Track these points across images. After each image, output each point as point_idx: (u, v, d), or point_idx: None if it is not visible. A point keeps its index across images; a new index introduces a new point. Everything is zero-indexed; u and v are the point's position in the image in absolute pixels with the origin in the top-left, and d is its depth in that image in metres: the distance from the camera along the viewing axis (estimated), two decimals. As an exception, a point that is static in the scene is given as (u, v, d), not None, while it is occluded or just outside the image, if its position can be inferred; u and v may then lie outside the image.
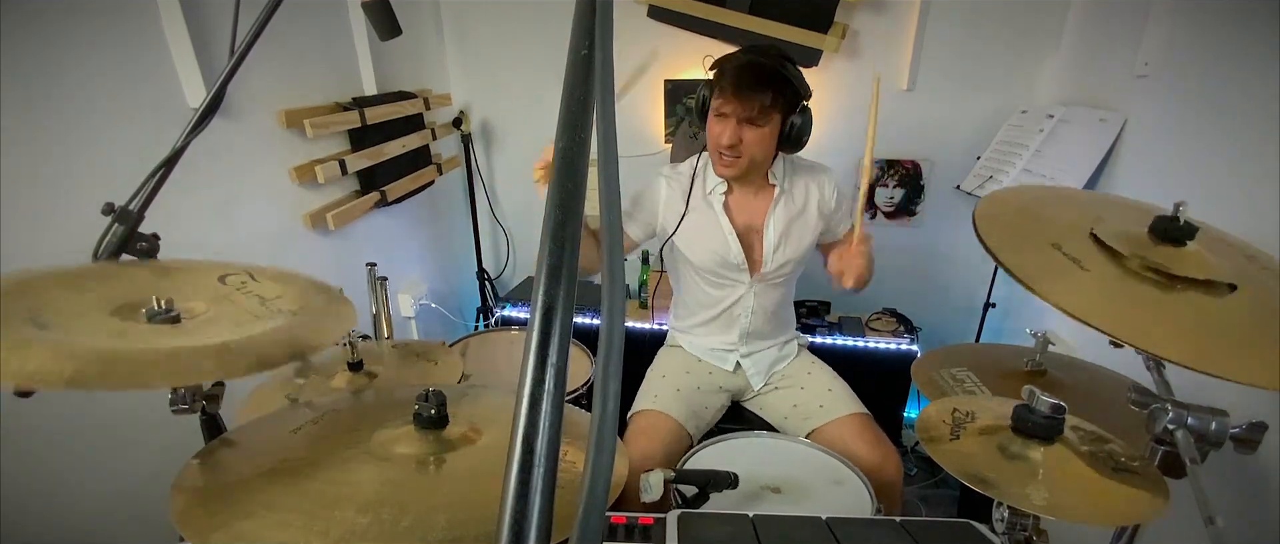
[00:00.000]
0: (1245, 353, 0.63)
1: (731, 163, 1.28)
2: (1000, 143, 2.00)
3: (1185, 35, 1.41)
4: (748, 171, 1.31)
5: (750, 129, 1.23)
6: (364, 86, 1.85)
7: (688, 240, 1.39)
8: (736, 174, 1.31)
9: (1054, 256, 0.72)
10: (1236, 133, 1.24)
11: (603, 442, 0.25)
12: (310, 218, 1.61)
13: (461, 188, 2.50)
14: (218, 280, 0.72)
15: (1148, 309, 0.68)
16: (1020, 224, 0.80)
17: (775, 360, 1.52)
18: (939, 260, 2.31)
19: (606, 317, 0.27)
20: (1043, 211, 0.85)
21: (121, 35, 1.15)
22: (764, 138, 1.25)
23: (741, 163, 1.27)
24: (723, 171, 1.31)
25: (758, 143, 1.25)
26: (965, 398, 0.93)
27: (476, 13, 2.30)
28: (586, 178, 0.30)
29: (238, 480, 0.65)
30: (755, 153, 1.27)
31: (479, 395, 0.88)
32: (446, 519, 0.57)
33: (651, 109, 2.29)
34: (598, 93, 0.30)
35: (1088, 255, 0.73)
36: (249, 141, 1.44)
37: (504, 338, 1.78)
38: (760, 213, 1.38)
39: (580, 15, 0.32)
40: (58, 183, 1.05)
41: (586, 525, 0.24)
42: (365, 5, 1.10)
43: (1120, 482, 0.70)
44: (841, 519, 0.87)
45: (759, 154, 1.27)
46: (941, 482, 2.15)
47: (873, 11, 2.05)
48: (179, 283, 0.71)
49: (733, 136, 1.24)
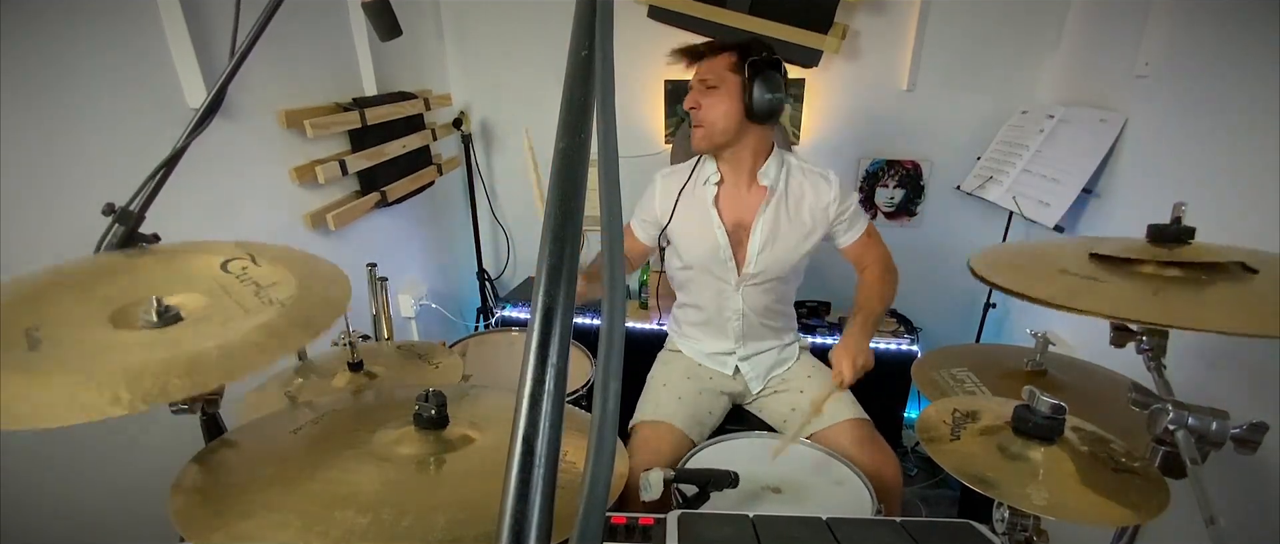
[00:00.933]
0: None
1: (698, 132, 1.33)
2: (1000, 143, 2.00)
3: (1185, 35, 1.41)
4: (714, 140, 1.34)
5: (708, 94, 1.29)
6: (364, 87, 1.85)
7: (681, 234, 1.41)
8: (704, 143, 1.35)
9: (1070, 280, 0.73)
10: (1236, 133, 1.24)
11: (603, 442, 0.25)
12: (310, 218, 1.61)
13: (461, 188, 2.50)
14: (220, 267, 0.71)
15: (1184, 297, 0.69)
16: (1023, 264, 0.82)
17: (774, 364, 1.52)
18: (939, 260, 2.30)
19: (606, 317, 0.27)
20: (1036, 251, 0.87)
21: (122, 35, 1.15)
22: (719, 100, 1.29)
23: (704, 130, 1.32)
24: (696, 144, 1.36)
25: (714, 106, 1.30)
26: (965, 398, 0.93)
27: (476, 13, 2.30)
28: (587, 178, 0.29)
29: (238, 481, 0.65)
30: (715, 118, 1.30)
31: (479, 395, 0.88)
32: (446, 519, 0.57)
33: (651, 109, 2.29)
34: (598, 93, 0.30)
35: (1101, 274, 0.74)
36: (249, 142, 1.44)
37: (504, 338, 1.78)
38: (750, 212, 1.38)
39: (580, 15, 0.32)
40: (58, 183, 1.05)
41: (586, 525, 0.24)
42: (365, 5, 1.10)
43: (1120, 482, 0.70)
44: (841, 519, 0.87)
45: (719, 119, 1.30)
46: (942, 482, 2.15)
47: (873, 11, 2.05)
48: (181, 270, 0.71)
49: (692, 101, 1.31)
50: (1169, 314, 0.63)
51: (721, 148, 1.35)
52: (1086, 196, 1.66)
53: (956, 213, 2.25)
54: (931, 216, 2.31)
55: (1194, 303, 0.67)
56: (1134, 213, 1.53)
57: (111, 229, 0.75)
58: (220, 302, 0.65)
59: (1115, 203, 1.61)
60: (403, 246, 2.21)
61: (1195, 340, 1.18)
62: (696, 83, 1.32)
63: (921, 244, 2.32)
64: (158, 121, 1.20)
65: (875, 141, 2.23)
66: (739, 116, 1.29)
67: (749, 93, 1.26)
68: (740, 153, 1.35)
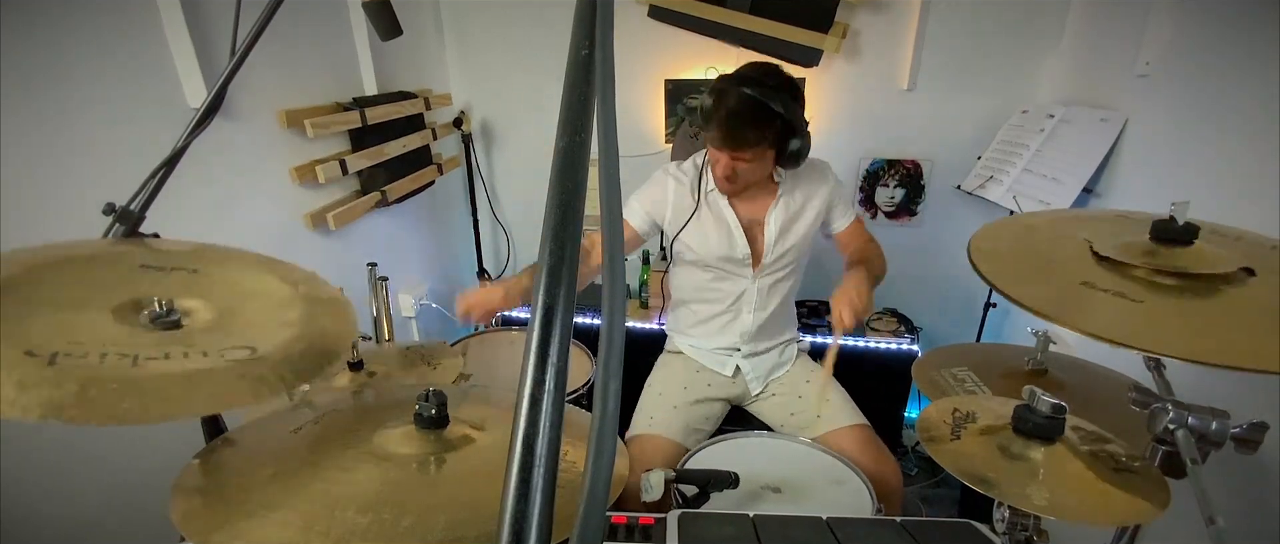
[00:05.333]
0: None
1: (730, 186, 1.34)
2: (1001, 143, 2.00)
3: (1185, 35, 1.41)
4: (747, 189, 1.36)
5: (744, 163, 1.27)
6: (364, 86, 1.85)
7: (696, 236, 1.40)
8: (736, 193, 1.37)
9: (1067, 284, 0.72)
10: (1236, 133, 1.24)
11: (603, 442, 0.25)
12: (311, 218, 1.61)
13: (462, 188, 2.50)
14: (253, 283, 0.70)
15: (1178, 313, 0.67)
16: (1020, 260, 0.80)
17: (774, 366, 1.52)
18: (939, 260, 2.30)
19: (606, 317, 0.27)
20: (1036, 240, 0.85)
21: (122, 35, 1.15)
22: (758, 169, 1.30)
23: (738, 185, 1.33)
24: (724, 188, 1.36)
25: (752, 172, 1.30)
26: (966, 398, 0.93)
27: (476, 13, 2.30)
28: (587, 178, 0.29)
29: (238, 480, 0.65)
30: (751, 179, 1.33)
31: (479, 395, 0.88)
32: (446, 519, 0.57)
33: (651, 109, 2.29)
34: (598, 93, 0.30)
35: (1098, 275, 0.72)
36: (250, 141, 1.44)
37: (504, 338, 1.78)
38: (762, 207, 1.40)
39: (580, 15, 0.32)
40: (58, 183, 1.05)
41: (586, 525, 0.24)
42: (365, 5, 1.10)
43: (1120, 482, 0.70)
44: (842, 519, 0.87)
45: (755, 178, 1.33)
46: (942, 482, 2.15)
47: (873, 11, 2.05)
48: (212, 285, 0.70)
49: (727, 169, 1.29)
50: (1160, 341, 0.61)
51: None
52: (1087, 196, 1.66)
53: (957, 212, 2.25)
54: (932, 216, 2.30)
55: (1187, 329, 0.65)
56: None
57: (112, 229, 0.75)
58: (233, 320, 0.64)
59: (1115, 202, 1.61)
60: (403, 246, 2.21)
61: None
62: (729, 158, 1.27)
63: (921, 244, 2.32)
64: (158, 121, 1.20)
65: (875, 141, 2.23)
66: (772, 168, 1.33)
67: (783, 150, 1.27)
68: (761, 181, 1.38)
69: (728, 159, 1.26)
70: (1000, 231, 0.87)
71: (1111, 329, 0.63)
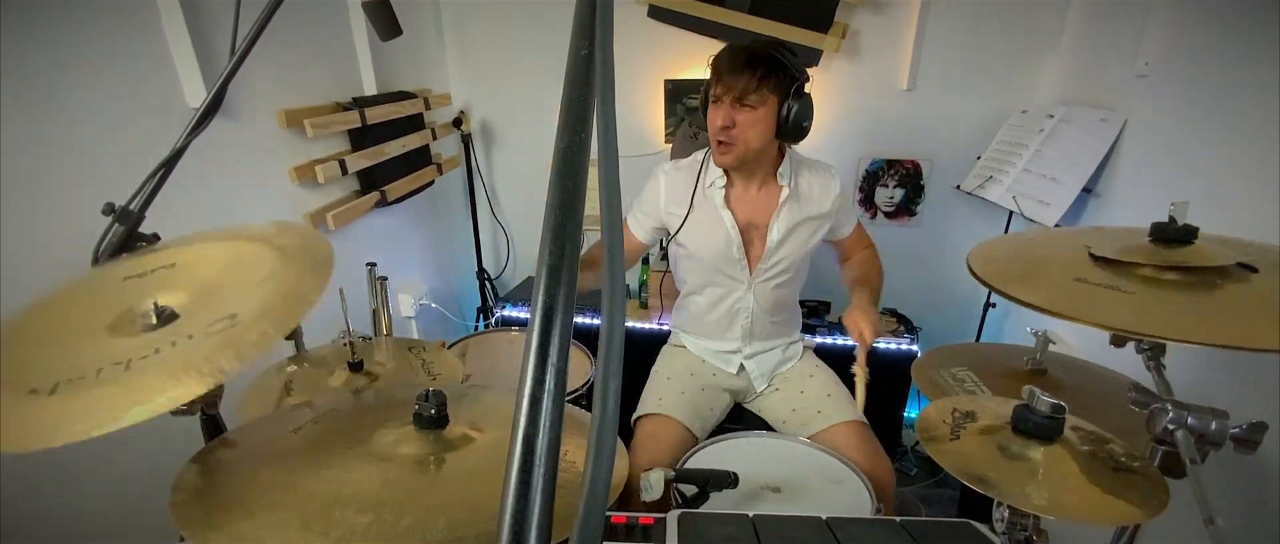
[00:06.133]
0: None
1: (727, 149, 1.27)
2: (1000, 143, 2.00)
3: (1185, 35, 1.41)
4: (744, 158, 1.29)
5: (744, 111, 1.23)
6: (364, 86, 1.85)
7: (690, 234, 1.39)
8: (734, 161, 1.29)
9: (1066, 284, 0.72)
10: (1236, 133, 1.24)
11: (603, 442, 0.25)
12: (310, 218, 1.61)
13: (461, 188, 2.50)
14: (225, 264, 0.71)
15: (1181, 306, 0.68)
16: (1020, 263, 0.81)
17: (779, 363, 1.52)
18: (939, 260, 2.31)
19: (606, 317, 0.27)
20: (1035, 248, 0.86)
21: (122, 35, 1.15)
22: (757, 121, 1.23)
23: (737, 149, 1.26)
24: (721, 159, 1.30)
25: (751, 125, 1.24)
26: (965, 398, 0.93)
27: (476, 13, 2.30)
28: (587, 178, 0.29)
29: (238, 481, 0.65)
30: (750, 137, 1.25)
31: (479, 395, 0.88)
32: (446, 519, 0.57)
33: (651, 109, 2.29)
34: (598, 93, 0.30)
35: (1099, 276, 0.73)
36: (249, 141, 1.44)
37: (504, 338, 1.78)
38: (765, 210, 1.37)
39: (580, 15, 0.32)
40: (58, 183, 1.05)
41: (586, 525, 0.24)
42: (365, 5, 1.10)
43: (1120, 482, 0.70)
44: (841, 519, 0.87)
45: (754, 139, 1.25)
46: (941, 482, 2.15)
47: (873, 11, 2.05)
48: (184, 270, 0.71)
49: (726, 118, 1.23)
50: (1165, 326, 0.62)
51: (746, 164, 1.32)
52: (1086, 196, 1.67)
53: (956, 212, 2.25)
54: (931, 216, 2.30)
55: (1191, 315, 0.66)
56: (1134, 213, 1.53)
57: (111, 229, 0.75)
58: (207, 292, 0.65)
59: (1115, 203, 1.61)
60: (403, 246, 2.21)
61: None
62: (730, 99, 1.23)
63: (921, 244, 2.32)
64: (158, 121, 1.20)
65: (875, 141, 2.23)
66: (773, 135, 1.27)
67: (788, 113, 1.23)
68: (759, 163, 1.33)
69: (728, 107, 1.23)
70: (996, 245, 0.90)
71: (1109, 318, 0.63)
